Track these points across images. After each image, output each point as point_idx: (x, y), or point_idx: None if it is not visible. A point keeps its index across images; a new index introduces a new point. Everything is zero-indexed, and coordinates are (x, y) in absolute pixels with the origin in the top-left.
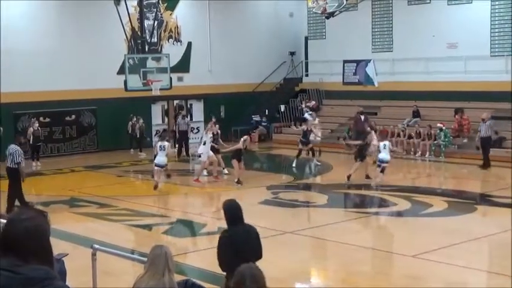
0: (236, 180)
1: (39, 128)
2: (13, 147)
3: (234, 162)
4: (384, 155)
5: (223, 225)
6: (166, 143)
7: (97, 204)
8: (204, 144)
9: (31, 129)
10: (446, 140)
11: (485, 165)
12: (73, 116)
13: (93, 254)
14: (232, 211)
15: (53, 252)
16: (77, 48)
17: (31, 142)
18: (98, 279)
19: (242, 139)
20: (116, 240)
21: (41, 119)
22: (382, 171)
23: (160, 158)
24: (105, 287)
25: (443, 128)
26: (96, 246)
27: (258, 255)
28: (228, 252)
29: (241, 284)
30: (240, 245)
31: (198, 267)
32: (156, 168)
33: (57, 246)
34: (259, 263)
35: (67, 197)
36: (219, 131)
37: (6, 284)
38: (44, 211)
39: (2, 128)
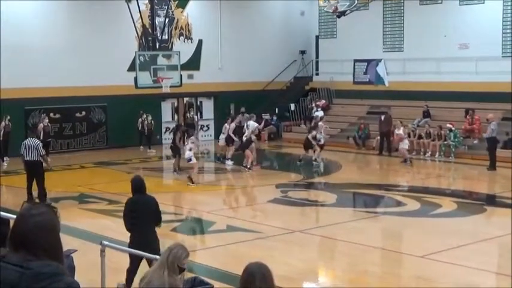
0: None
1: (49, 124)
2: (35, 141)
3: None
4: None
5: (233, 223)
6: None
7: (106, 201)
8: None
9: (41, 125)
10: (456, 140)
11: (491, 166)
12: (83, 113)
13: (102, 251)
14: (136, 184)
15: (62, 248)
16: (87, 45)
17: (41, 138)
18: (106, 276)
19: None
20: (125, 237)
21: (51, 115)
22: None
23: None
24: (113, 283)
25: (453, 128)
26: (105, 242)
27: (156, 220)
28: (129, 215)
29: (251, 282)
30: (138, 210)
31: (207, 265)
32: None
33: (66, 242)
34: (267, 262)
35: (76, 193)
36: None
37: (16, 279)
38: (54, 207)
39: (10, 123)
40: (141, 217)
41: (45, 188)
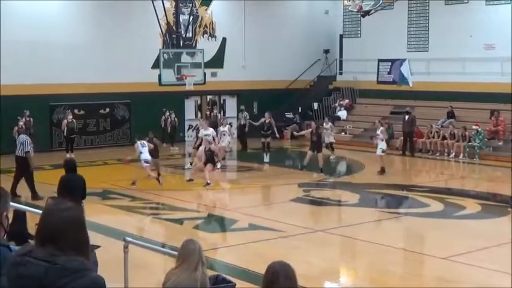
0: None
1: (73, 120)
2: (23, 137)
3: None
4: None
5: (255, 221)
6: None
7: (129, 197)
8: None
9: (65, 121)
10: (481, 141)
11: None
12: (107, 109)
13: (125, 247)
14: (68, 164)
15: (89, 244)
16: (112, 42)
17: (65, 134)
18: (129, 272)
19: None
20: (147, 234)
21: (76, 111)
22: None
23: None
24: (135, 279)
25: (480, 129)
26: (129, 239)
27: (83, 196)
28: (63, 190)
29: (275, 282)
30: (71, 186)
31: (229, 263)
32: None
33: (90, 237)
34: (289, 261)
35: (100, 189)
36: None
37: (42, 273)
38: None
39: (31, 119)
40: (72, 193)
41: (32, 186)
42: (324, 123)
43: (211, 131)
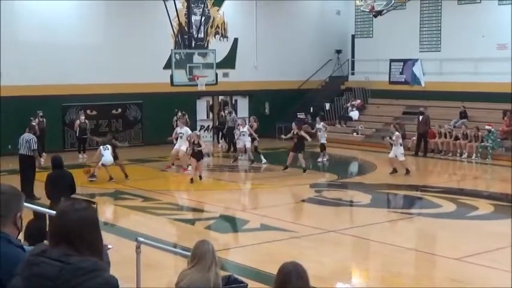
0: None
1: (86, 121)
2: (29, 136)
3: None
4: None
5: (267, 222)
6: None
7: (141, 198)
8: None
9: (77, 122)
10: (494, 142)
11: None
12: (119, 110)
13: (138, 247)
14: (56, 161)
15: (103, 244)
16: (124, 43)
17: (77, 134)
18: (141, 272)
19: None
20: (159, 234)
21: (88, 111)
22: None
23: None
24: (147, 280)
25: (492, 129)
26: (141, 239)
27: (72, 191)
28: (50, 186)
29: (287, 282)
30: (58, 182)
31: (241, 263)
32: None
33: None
34: (300, 261)
35: (112, 190)
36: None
37: (56, 273)
38: (93, 201)
39: (44, 119)
40: (60, 188)
41: (29, 187)
42: (316, 124)
43: (185, 129)
